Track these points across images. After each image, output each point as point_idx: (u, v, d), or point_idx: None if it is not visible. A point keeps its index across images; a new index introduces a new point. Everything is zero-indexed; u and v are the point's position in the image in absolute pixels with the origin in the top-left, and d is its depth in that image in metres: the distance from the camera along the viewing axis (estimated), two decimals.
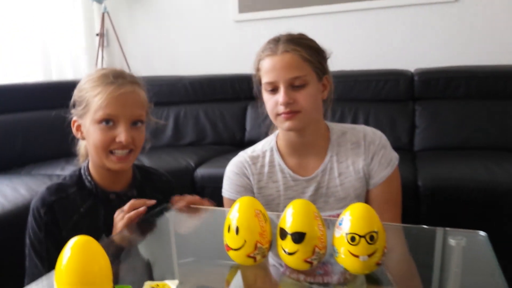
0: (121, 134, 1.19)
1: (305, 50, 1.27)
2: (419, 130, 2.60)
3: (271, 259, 1.01)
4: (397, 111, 2.67)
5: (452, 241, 1.02)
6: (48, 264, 1.19)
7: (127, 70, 1.31)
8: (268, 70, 1.27)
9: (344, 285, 0.91)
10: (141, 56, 3.73)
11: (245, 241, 0.89)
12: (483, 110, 2.53)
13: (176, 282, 0.85)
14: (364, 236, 0.82)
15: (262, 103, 1.37)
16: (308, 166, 1.37)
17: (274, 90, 1.27)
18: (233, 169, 1.41)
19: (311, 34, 1.36)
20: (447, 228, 1.10)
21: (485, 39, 2.87)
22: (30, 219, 1.22)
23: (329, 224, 1.00)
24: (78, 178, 1.28)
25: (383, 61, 3.01)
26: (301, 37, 1.33)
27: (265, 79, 1.29)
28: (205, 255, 1.06)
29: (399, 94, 2.71)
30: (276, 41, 1.30)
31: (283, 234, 0.87)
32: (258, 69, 1.33)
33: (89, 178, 1.27)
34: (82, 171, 1.28)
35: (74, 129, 1.28)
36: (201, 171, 2.36)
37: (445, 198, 1.92)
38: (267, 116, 1.36)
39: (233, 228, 0.90)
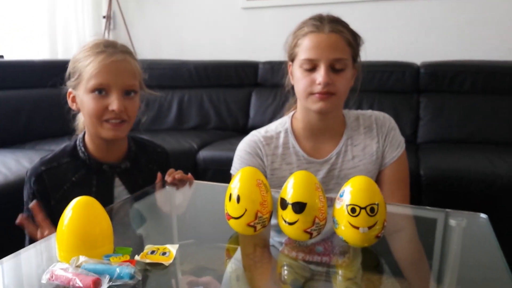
0: (114, 103, 1.18)
1: (350, 34, 1.25)
2: (423, 123, 2.61)
3: (271, 239, 1.01)
4: (402, 102, 2.68)
5: (452, 222, 1.05)
6: None
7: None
8: (311, 47, 1.23)
9: (340, 268, 0.90)
10: (147, 39, 3.73)
11: (245, 210, 0.89)
12: (488, 105, 2.53)
13: (176, 246, 0.85)
14: (364, 208, 0.83)
15: (285, 81, 1.38)
16: (323, 149, 1.36)
17: (311, 68, 1.24)
18: (246, 148, 1.37)
19: None
20: (448, 210, 1.11)
21: (493, 34, 2.86)
22: (24, 188, 1.24)
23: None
24: (72, 149, 1.27)
25: (390, 52, 3.00)
26: (342, 20, 1.30)
27: (304, 55, 1.24)
28: (205, 237, 1.05)
29: (404, 86, 2.72)
30: (321, 19, 1.26)
31: (284, 204, 0.88)
32: (295, 45, 1.29)
33: (82, 149, 1.26)
34: (77, 142, 1.28)
35: (69, 101, 1.27)
36: (203, 154, 2.37)
37: (446, 188, 1.92)
38: (275, 98, 1.34)
39: (234, 197, 0.90)
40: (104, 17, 3.64)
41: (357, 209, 0.83)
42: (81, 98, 1.21)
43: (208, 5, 3.52)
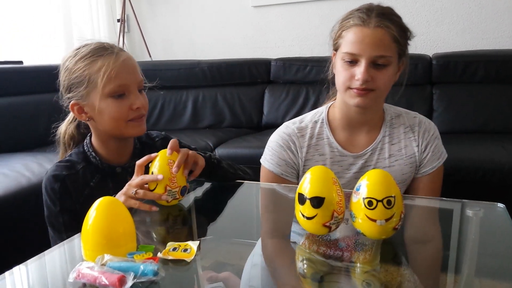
0: (137, 101, 1.18)
1: (397, 29, 1.20)
2: (436, 114, 2.60)
3: (292, 234, 1.01)
4: (415, 95, 2.65)
5: (469, 212, 1.04)
6: (68, 237, 1.14)
7: (147, 55, 1.30)
8: (354, 41, 1.19)
9: (358, 261, 0.91)
10: (160, 41, 3.76)
11: (157, 184, 1.06)
12: (501, 94, 2.52)
13: (197, 242, 0.87)
14: (381, 201, 0.83)
15: (327, 70, 1.35)
16: (358, 143, 1.33)
17: (352, 62, 1.20)
18: (278, 140, 1.35)
19: (328, 18, 1.31)
20: (465, 200, 1.11)
21: (504, 23, 2.84)
22: (44, 198, 1.21)
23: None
24: (83, 155, 1.26)
25: None
26: (393, 12, 1.25)
27: (346, 48, 1.20)
28: (223, 233, 1.07)
29: (417, 78, 2.70)
30: (368, 11, 1.21)
31: (302, 199, 0.88)
32: (339, 36, 1.25)
33: (93, 154, 1.25)
34: (86, 148, 1.27)
35: (75, 113, 1.23)
36: (219, 151, 2.39)
37: (463, 179, 1.91)
38: (288, 95, 1.29)
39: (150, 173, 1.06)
40: (118, 20, 3.67)
41: (374, 202, 0.84)
42: (97, 106, 1.18)
43: (218, 5, 3.54)
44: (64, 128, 1.33)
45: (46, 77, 2.64)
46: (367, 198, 0.84)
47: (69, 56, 1.22)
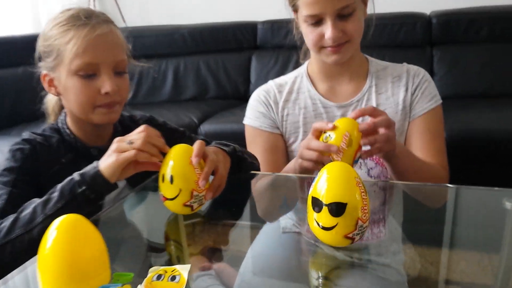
0: (106, 84, 1.07)
1: None
2: (437, 77, 2.55)
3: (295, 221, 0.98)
4: (414, 57, 2.57)
5: (508, 204, 0.94)
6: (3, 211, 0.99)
7: (121, 21, 1.15)
8: (312, 1, 1.17)
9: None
10: (135, 4, 3.60)
11: (180, 190, 0.89)
12: (508, 54, 2.50)
13: (188, 266, 0.73)
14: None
15: (292, 28, 1.34)
16: (342, 92, 1.34)
17: (317, 22, 1.19)
18: (255, 96, 1.39)
19: None
20: (501, 188, 0.99)
21: None
22: (6, 161, 1.08)
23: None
24: (58, 131, 1.17)
25: (397, 3, 2.85)
26: None
27: (307, 11, 1.18)
28: (210, 215, 1.02)
29: (415, 39, 2.64)
30: None
31: (318, 205, 0.73)
32: None
33: (67, 131, 1.15)
34: (60, 125, 1.17)
35: (45, 85, 1.15)
36: (205, 128, 2.34)
37: (475, 151, 1.85)
38: (277, 61, 1.22)
39: (168, 177, 0.89)
40: None
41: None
42: (63, 81, 1.09)
43: None
44: (50, 97, 1.25)
45: (10, 49, 2.49)
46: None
47: (50, 20, 1.13)
